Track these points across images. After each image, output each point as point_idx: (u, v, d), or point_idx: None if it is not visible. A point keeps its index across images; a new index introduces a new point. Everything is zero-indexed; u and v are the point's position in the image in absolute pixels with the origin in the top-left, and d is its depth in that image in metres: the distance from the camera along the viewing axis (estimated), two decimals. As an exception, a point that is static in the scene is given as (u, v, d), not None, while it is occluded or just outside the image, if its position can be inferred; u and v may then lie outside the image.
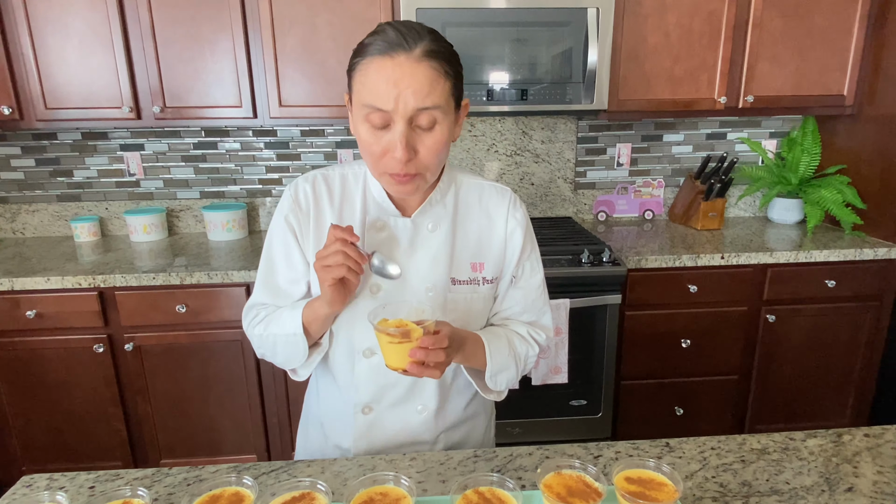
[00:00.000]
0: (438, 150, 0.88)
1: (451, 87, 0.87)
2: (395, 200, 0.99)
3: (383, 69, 0.82)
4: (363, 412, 1.03)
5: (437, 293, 0.98)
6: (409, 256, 0.99)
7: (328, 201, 1.00)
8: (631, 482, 0.78)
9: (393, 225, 0.99)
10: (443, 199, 1.01)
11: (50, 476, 0.92)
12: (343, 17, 2.06)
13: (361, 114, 0.86)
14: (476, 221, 1.03)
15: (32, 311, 1.93)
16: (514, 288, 1.06)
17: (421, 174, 0.89)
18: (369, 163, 0.91)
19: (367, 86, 0.84)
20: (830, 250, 2.11)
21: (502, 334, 1.04)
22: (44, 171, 2.49)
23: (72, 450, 2.10)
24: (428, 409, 1.03)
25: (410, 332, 0.83)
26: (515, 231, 1.04)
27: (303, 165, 2.57)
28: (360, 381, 1.01)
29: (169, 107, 2.11)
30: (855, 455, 0.94)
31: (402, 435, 1.04)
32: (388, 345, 0.84)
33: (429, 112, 0.84)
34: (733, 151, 2.69)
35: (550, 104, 2.11)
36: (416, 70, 0.82)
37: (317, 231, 1.00)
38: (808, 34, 2.21)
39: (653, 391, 2.23)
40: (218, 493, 0.77)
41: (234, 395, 2.10)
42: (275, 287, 1.03)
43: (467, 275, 1.01)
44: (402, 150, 0.84)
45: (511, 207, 1.04)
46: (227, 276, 1.96)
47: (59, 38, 2.02)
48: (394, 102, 0.82)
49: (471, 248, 1.02)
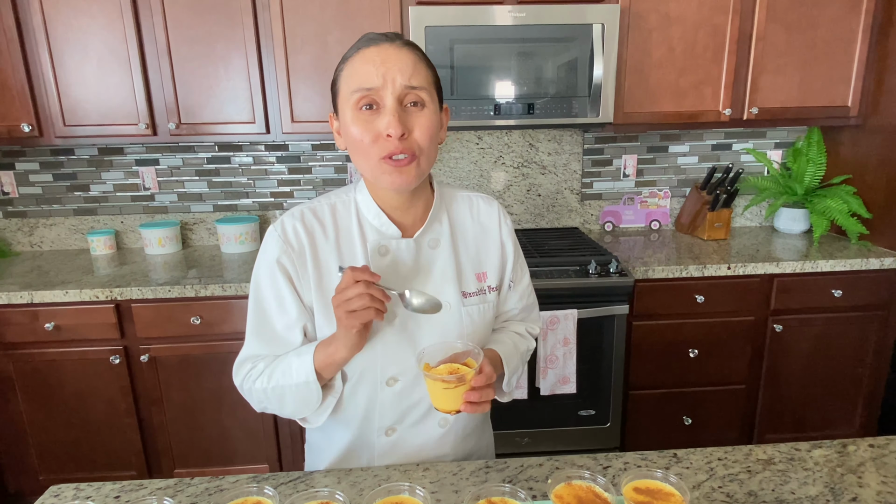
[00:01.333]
0: (431, 133, 0.90)
1: (432, 77, 0.92)
2: (394, 219, 0.98)
3: (368, 56, 0.88)
4: (386, 434, 1.02)
5: (453, 310, 0.99)
6: (416, 277, 0.98)
7: (322, 235, 0.97)
8: (639, 492, 0.80)
9: (395, 248, 0.97)
10: (439, 216, 1.01)
11: (76, 486, 0.95)
12: (354, 35, 2.10)
13: (349, 104, 0.88)
14: (472, 232, 1.05)
15: (51, 324, 1.98)
16: (511, 291, 1.10)
17: (417, 157, 0.89)
18: (363, 160, 0.90)
19: (353, 75, 0.88)
20: (836, 260, 2.12)
21: (507, 339, 1.07)
22: (61, 185, 2.55)
23: (88, 459, 2.14)
24: (449, 422, 1.04)
25: (465, 375, 0.86)
26: (508, 238, 1.08)
27: (313, 178, 2.62)
28: (385, 409, 1.00)
29: (184, 123, 2.17)
30: (859, 465, 0.95)
31: (423, 451, 1.04)
32: (443, 391, 0.86)
33: (416, 92, 0.88)
34: (739, 162, 2.71)
35: (556, 118, 2.15)
36: (399, 53, 0.88)
37: (316, 270, 0.95)
38: (811, 46, 2.24)
39: (661, 401, 2.24)
40: (240, 502, 0.80)
41: (247, 406, 2.10)
42: (270, 336, 0.97)
43: (475, 286, 1.03)
44: (396, 122, 0.85)
45: (501, 215, 1.08)
46: (240, 288, 2.00)
47: (77, 57, 2.08)
48: (382, 79, 0.86)
49: (472, 259, 1.04)
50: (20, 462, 2.14)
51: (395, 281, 0.97)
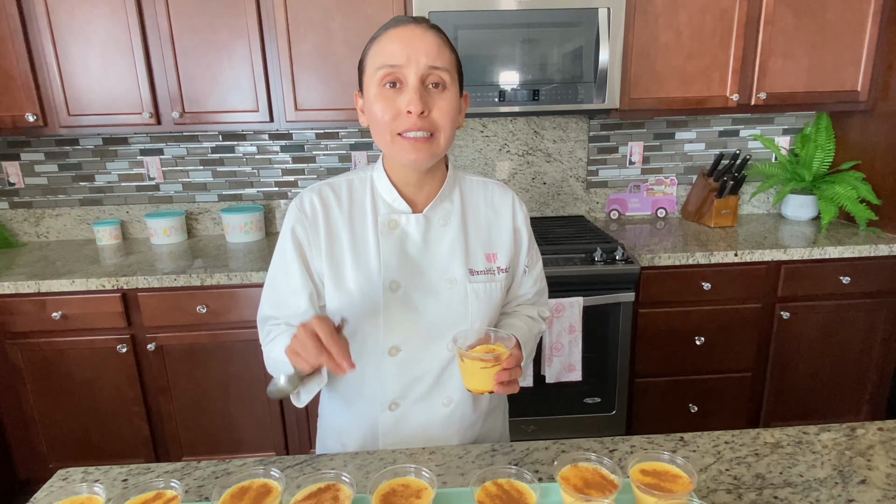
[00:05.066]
0: (450, 114, 0.93)
1: (455, 61, 0.96)
2: (406, 196, 1.02)
3: (395, 35, 0.91)
4: (390, 409, 1.04)
5: (458, 285, 1.01)
6: (424, 252, 1.02)
7: (337, 207, 1.02)
8: (646, 474, 0.80)
9: (405, 222, 1.01)
10: (451, 195, 1.05)
11: (85, 470, 0.96)
12: (357, 22, 2.09)
13: (374, 81, 0.92)
14: (484, 214, 1.08)
15: (58, 313, 1.99)
16: (526, 276, 1.13)
17: (435, 137, 0.93)
18: (382, 135, 0.94)
19: (380, 53, 0.92)
20: (845, 246, 2.10)
21: (522, 324, 1.10)
22: (66, 176, 2.55)
23: (96, 447, 2.16)
24: (453, 401, 1.05)
25: (501, 355, 0.90)
26: (522, 225, 1.10)
27: (317, 167, 2.61)
28: (387, 379, 1.02)
29: (188, 112, 2.16)
30: (868, 448, 0.95)
31: (428, 430, 1.06)
32: (479, 371, 0.89)
33: (438, 73, 0.91)
34: (746, 148, 2.68)
35: (562, 104, 2.13)
36: (425, 34, 0.91)
37: (328, 237, 1.01)
38: (820, 30, 2.21)
39: (667, 388, 2.24)
40: (246, 484, 0.80)
41: (254, 393, 2.14)
42: (276, 299, 1.04)
43: (483, 265, 1.05)
44: (417, 99, 0.89)
45: (516, 203, 1.11)
46: (245, 276, 2.00)
47: (81, 47, 2.07)
48: (406, 58, 0.89)
49: (482, 239, 1.06)
50: (30, 450, 2.16)
51: (401, 255, 1.00)
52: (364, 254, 1.01)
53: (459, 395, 1.06)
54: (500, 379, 0.89)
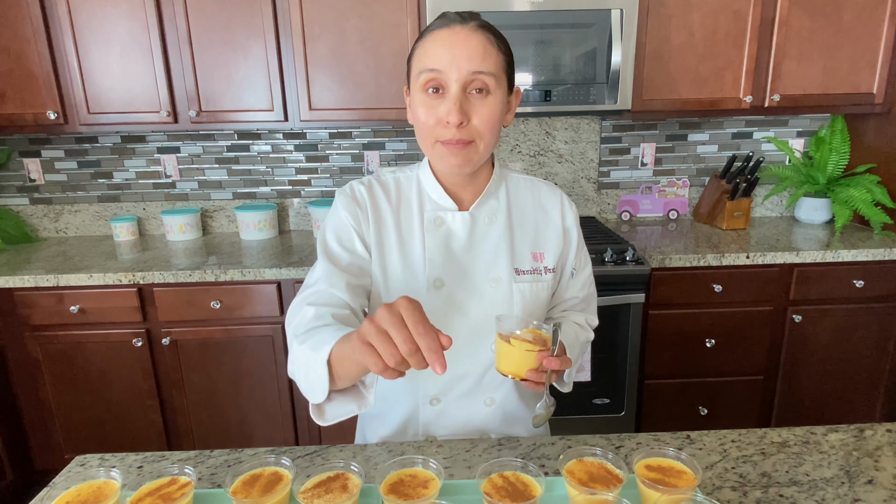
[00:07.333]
0: (492, 121, 0.91)
1: (503, 62, 0.92)
2: (452, 193, 1.01)
3: (440, 37, 0.89)
4: (431, 403, 1.04)
5: (503, 285, 1.00)
6: (469, 250, 1.01)
7: (385, 199, 1.02)
8: (651, 469, 0.81)
9: (451, 220, 1.00)
10: (496, 192, 1.04)
11: (101, 456, 0.99)
12: (371, 23, 2.11)
13: (418, 84, 0.91)
14: (532, 213, 1.06)
15: (76, 307, 2.03)
16: (573, 279, 1.11)
17: (474, 143, 0.92)
18: (424, 140, 0.94)
19: (424, 55, 0.91)
20: (859, 250, 2.08)
21: (569, 330, 1.06)
22: (85, 173, 2.60)
23: (111, 439, 2.20)
24: (495, 402, 1.05)
25: (547, 340, 0.88)
26: (572, 225, 1.09)
27: (331, 167, 2.64)
28: (428, 377, 1.02)
29: (204, 111, 2.20)
30: (876, 449, 0.95)
31: (468, 426, 1.06)
32: (518, 353, 0.86)
33: (482, 78, 0.88)
34: (759, 150, 2.67)
35: (574, 105, 2.14)
36: (470, 37, 0.88)
37: (377, 226, 1.00)
38: (836, 32, 2.19)
39: (677, 390, 2.23)
40: (258, 472, 0.82)
41: (265, 388, 2.17)
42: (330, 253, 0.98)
43: (529, 265, 1.03)
44: (456, 111, 0.88)
45: (565, 202, 1.09)
46: (259, 273, 2.03)
47: (101, 46, 2.12)
48: (448, 64, 0.87)
49: (529, 238, 1.05)
50: (47, 440, 2.21)
51: (446, 252, 0.99)
52: (410, 250, 1.00)
53: (502, 396, 1.05)
54: (548, 365, 0.85)
